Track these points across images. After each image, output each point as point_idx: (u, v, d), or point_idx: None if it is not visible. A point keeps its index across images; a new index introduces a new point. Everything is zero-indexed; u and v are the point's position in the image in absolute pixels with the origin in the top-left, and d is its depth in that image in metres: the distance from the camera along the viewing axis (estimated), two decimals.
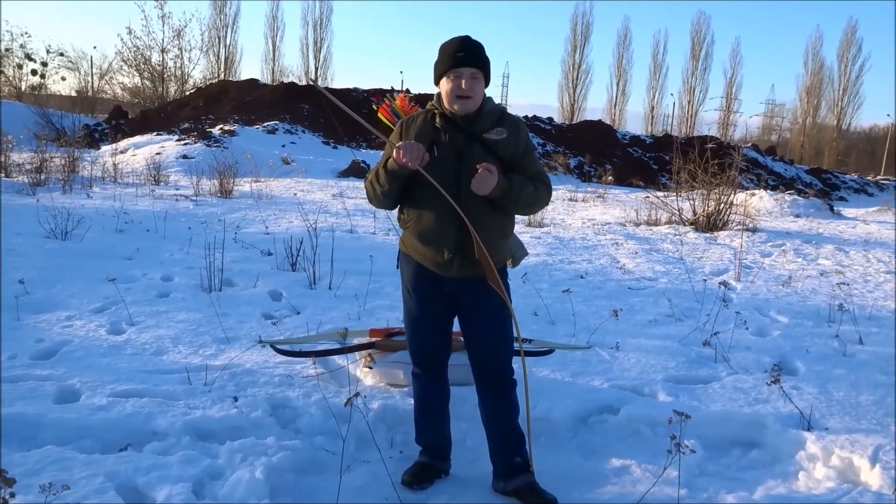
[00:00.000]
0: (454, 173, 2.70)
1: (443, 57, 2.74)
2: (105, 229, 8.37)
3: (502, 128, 2.77)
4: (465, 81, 2.68)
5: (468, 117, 2.75)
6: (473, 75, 2.70)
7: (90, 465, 2.83)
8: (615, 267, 7.86)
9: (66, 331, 4.61)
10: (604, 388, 3.98)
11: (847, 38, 54.95)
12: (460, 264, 2.75)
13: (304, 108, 31.06)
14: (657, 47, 58.16)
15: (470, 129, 2.75)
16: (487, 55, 2.77)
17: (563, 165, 29.01)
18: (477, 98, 2.73)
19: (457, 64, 2.68)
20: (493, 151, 2.73)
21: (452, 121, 2.75)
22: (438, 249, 2.76)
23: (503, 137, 2.76)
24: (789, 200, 16.57)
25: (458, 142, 2.73)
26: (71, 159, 13.68)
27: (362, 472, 3.07)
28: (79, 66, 45.31)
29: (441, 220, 2.73)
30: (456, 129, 2.74)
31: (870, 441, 3.29)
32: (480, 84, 2.73)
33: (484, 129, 2.75)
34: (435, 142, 2.74)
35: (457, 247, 2.73)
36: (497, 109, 2.83)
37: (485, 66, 2.74)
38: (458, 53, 2.69)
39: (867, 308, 6.16)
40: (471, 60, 2.69)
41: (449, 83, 2.71)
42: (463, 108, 2.72)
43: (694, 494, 2.95)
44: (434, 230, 2.75)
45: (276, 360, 4.16)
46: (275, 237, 8.02)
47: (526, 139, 2.83)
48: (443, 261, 2.77)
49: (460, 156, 2.71)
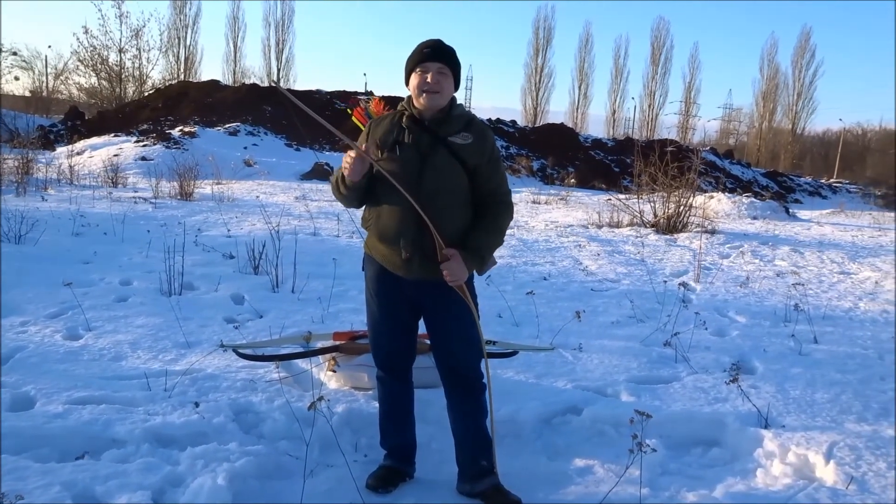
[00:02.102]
0: (416, 174, 2.69)
1: (412, 55, 2.76)
2: (61, 232, 8.18)
3: (469, 133, 2.76)
4: (431, 75, 2.68)
5: (435, 119, 2.74)
6: (440, 70, 2.70)
7: (46, 473, 2.76)
8: (578, 269, 7.94)
9: (20, 336, 4.49)
10: (567, 389, 4.01)
11: (801, 45, 56.51)
12: (420, 264, 2.74)
13: (267, 110, 30.77)
14: (618, 52, 59.22)
15: (436, 131, 2.74)
16: (457, 57, 2.77)
17: (526, 168, 29.22)
18: (444, 94, 2.73)
19: (424, 59, 2.70)
20: (457, 155, 2.72)
21: (419, 121, 2.75)
22: (397, 248, 2.74)
23: (468, 142, 2.74)
24: (746, 203, 16.93)
25: (422, 143, 2.72)
26: (25, 161, 13.35)
27: (327, 477, 3.05)
28: (33, 65, 44.39)
29: (400, 218, 2.71)
30: (422, 130, 2.74)
31: (825, 438, 3.37)
32: (448, 80, 2.73)
33: (450, 133, 2.74)
34: (399, 141, 2.74)
35: (415, 246, 2.71)
36: (466, 115, 2.82)
37: (453, 62, 2.74)
38: (426, 49, 2.71)
39: (822, 308, 6.32)
40: (438, 56, 2.71)
41: (416, 78, 2.71)
42: (430, 102, 2.71)
43: (656, 493, 2.98)
44: (393, 229, 2.74)
45: (239, 364, 4.11)
46: (237, 240, 7.91)
47: (492, 149, 2.81)
48: (401, 261, 2.76)
49: (423, 157, 2.71)
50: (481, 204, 2.80)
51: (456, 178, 2.72)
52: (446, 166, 2.70)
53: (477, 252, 2.73)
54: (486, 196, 2.80)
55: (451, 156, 2.72)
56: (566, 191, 20.00)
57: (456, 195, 2.74)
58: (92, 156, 21.41)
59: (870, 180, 38.89)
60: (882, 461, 3.16)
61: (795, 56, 56.89)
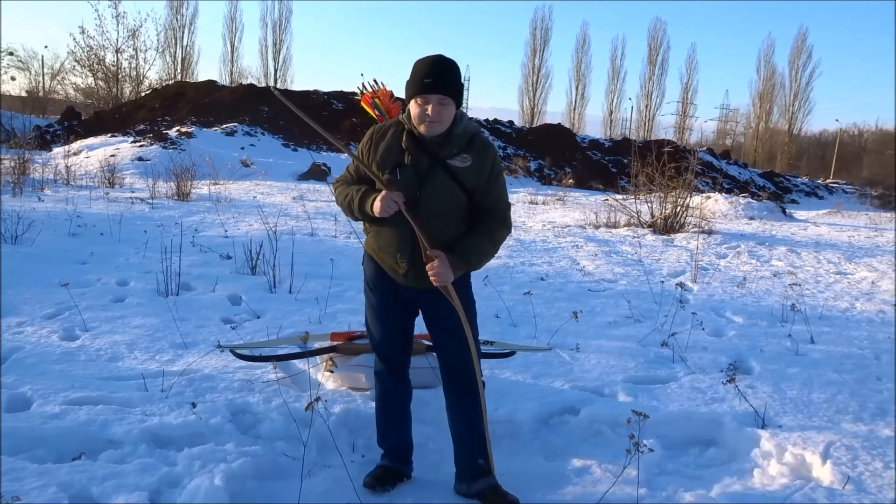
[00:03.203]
0: (414, 196, 2.70)
1: (413, 78, 2.68)
2: (58, 233, 8.17)
3: (469, 154, 2.74)
4: (431, 107, 2.64)
5: (435, 141, 2.72)
6: (441, 101, 2.64)
7: (43, 475, 2.75)
8: (575, 269, 7.94)
9: (16, 337, 4.48)
10: (565, 389, 4.01)
11: (798, 45, 56.60)
12: (416, 277, 2.77)
13: (264, 111, 30.75)
14: (615, 52, 59.11)
15: (436, 153, 2.73)
16: (459, 76, 2.71)
17: (523, 168, 29.23)
18: (445, 122, 2.69)
19: (424, 90, 2.63)
20: (456, 178, 2.72)
21: (419, 141, 2.73)
22: (396, 264, 2.79)
23: (467, 165, 2.73)
24: (743, 203, 16.97)
25: (421, 165, 2.72)
26: (21, 161, 13.32)
27: (324, 477, 3.05)
28: (29, 65, 44.28)
29: (397, 234, 2.75)
30: (422, 152, 2.73)
31: (821, 438, 3.38)
32: (450, 109, 2.68)
33: (450, 155, 2.73)
34: (399, 164, 2.74)
35: (412, 262, 2.75)
36: (468, 132, 2.78)
37: (454, 91, 2.68)
38: (426, 80, 2.63)
39: (818, 308, 6.33)
40: (439, 87, 2.63)
41: (417, 107, 2.67)
42: (430, 130, 2.69)
43: (653, 493, 2.99)
44: (392, 245, 2.78)
45: (236, 365, 4.11)
46: (234, 240, 7.90)
47: (492, 166, 2.78)
48: (399, 275, 2.81)
49: (422, 179, 2.71)
50: (478, 218, 2.81)
51: (454, 199, 2.73)
52: (444, 188, 2.71)
53: (463, 255, 2.71)
54: (483, 212, 2.81)
55: (449, 178, 2.71)
56: (563, 191, 20.02)
57: (453, 215, 2.76)
58: (88, 156, 21.38)
59: (866, 181, 38.96)
60: (878, 461, 3.16)
61: (792, 57, 57.05)
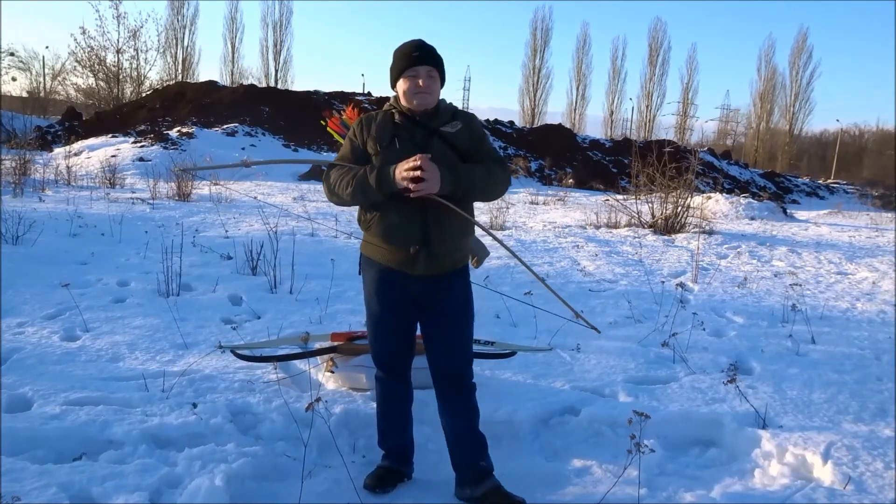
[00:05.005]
0: None
1: (398, 59, 2.81)
2: (58, 233, 8.17)
3: (457, 121, 2.86)
4: (422, 80, 2.76)
5: (426, 114, 2.81)
6: (429, 73, 2.77)
7: (43, 475, 2.75)
8: (576, 269, 7.94)
9: (17, 338, 4.48)
10: (565, 389, 4.01)
11: (798, 46, 56.59)
12: (426, 260, 2.77)
13: (265, 111, 30.77)
14: (616, 53, 59.17)
15: (428, 124, 2.81)
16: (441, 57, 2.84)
17: (524, 169, 29.20)
18: (434, 94, 2.81)
19: (413, 63, 2.75)
20: (451, 143, 2.80)
21: (411, 118, 2.81)
22: (404, 246, 2.76)
23: (458, 129, 2.83)
24: (744, 203, 16.96)
25: (417, 137, 2.79)
26: (22, 161, 13.33)
27: (325, 478, 3.05)
28: (30, 66, 44.31)
29: (405, 216, 2.75)
30: (415, 126, 2.80)
31: (822, 438, 3.37)
32: (437, 82, 2.81)
33: (440, 124, 2.83)
34: (396, 135, 2.79)
35: (422, 242, 2.75)
36: (450, 108, 2.92)
37: (440, 65, 2.82)
38: (414, 53, 2.77)
39: (819, 308, 6.32)
40: (426, 59, 2.77)
41: (406, 82, 2.77)
42: (422, 102, 2.78)
43: (654, 494, 2.99)
44: (399, 227, 2.76)
45: (236, 365, 4.11)
46: (234, 241, 7.90)
47: (478, 128, 2.92)
48: (408, 257, 2.77)
49: (421, 149, 2.74)
50: None
51: (452, 162, 2.77)
52: (442, 153, 2.75)
53: (455, 170, 2.71)
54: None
55: (445, 145, 2.79)
56: (564, 191, 20.01)
57: None
58: (89, 156, 21.40)
59: (867, 181, 38.94)
60: (879, 461, 3.16)
61: (793, 57, 57.06)
